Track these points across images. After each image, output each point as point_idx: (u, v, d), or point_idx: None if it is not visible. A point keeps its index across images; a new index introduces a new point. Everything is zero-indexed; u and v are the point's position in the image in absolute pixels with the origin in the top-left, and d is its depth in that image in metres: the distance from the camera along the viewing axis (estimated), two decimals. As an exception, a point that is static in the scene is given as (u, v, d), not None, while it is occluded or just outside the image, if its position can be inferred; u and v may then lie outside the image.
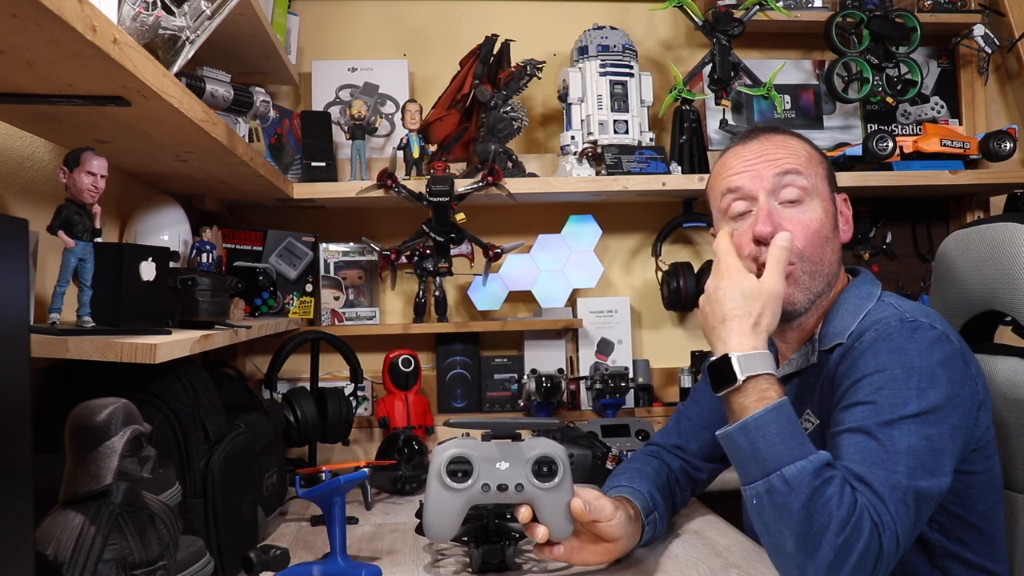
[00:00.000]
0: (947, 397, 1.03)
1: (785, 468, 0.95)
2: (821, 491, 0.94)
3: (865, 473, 0.99)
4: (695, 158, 2.16)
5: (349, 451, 2.12)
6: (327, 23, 2.29)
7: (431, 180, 1.96)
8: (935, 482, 1.00)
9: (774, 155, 1.19)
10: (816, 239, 1.16)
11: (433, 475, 1.10)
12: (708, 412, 1.41)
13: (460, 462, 1.09)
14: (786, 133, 1.24)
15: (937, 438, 1.01)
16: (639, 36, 2.33)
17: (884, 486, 0.97)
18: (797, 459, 0.96)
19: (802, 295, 1.17)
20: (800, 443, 0.98)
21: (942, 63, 2.42)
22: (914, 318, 1.09)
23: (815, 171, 1.20)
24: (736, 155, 1.23)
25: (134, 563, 0.91)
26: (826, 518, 0.93)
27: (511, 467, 1.09)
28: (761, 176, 1.18)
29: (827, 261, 1.18)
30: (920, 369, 1.04)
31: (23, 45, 0.84)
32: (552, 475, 1.09)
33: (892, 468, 0.98)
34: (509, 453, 1.10)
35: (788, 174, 1.17)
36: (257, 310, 1.95)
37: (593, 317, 2.28)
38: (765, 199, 1.17)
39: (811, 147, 1.23)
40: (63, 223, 1.01)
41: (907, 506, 0.97)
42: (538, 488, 1.09)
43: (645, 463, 1.39)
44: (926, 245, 2.37)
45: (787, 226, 1.15)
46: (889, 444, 1.00)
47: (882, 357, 1.06)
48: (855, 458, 1.01)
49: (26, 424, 0.78)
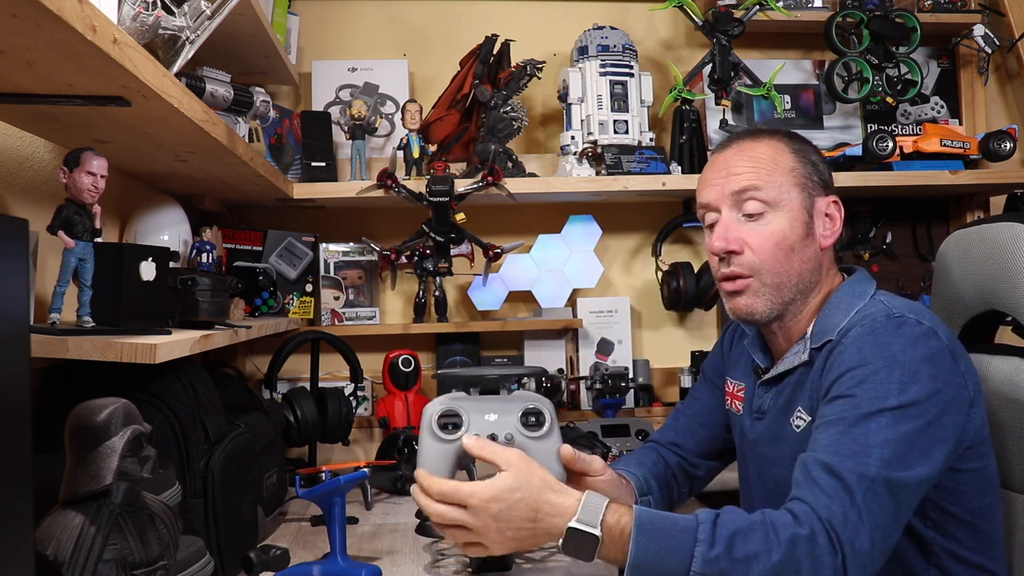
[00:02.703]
0: (930, 392, 1.03)
1: (692, 565, 0.93)
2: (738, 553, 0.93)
3: (834, 463, 0.99)
4: (695, 158, 2.16)
5: (349, 451, 2.12)
6: (327, 23, 2.29)
7: (431, 180, 1.96)
8: (910, 473, 1.00)
9: (736, 169, 1.20)
10: (778, 251, 1.17)
11: (425, 428, 1.12)
12: (706, 410, 1.42)
13: (450, 415, 1.12)
14: (764, 138, 1.23)
15: (915, 432, 1.01)
16: (639, 36, 2.33)
17: (852, 474, 0.97)
18: (691, 548, 0.93)
19: (762, 305, 1.19)
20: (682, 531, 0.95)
21: (942, 63, 2.41)
22: (900, 313, 1.09)
23: (781, 181, 1.19)
24: (710, 166, 1.26)
25: (134, 563, 0.91)
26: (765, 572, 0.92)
27: (500, 418, 1.13)
28: (724, 191, 1.21)
29: (794, 271, 1.18)
30: (903, 364, 1.04)
31: (23, 45, 0.84)
32: (540, 425, 1.12)
33: (863, 459, 0.99)
34: (497, 405, 1.14)
35: (746, 191, 1.19)
36: (257, 310, 1.95)
37: (593, 317, 2.28)
38: (727, 213, 1.20)
39: (789, 151, 1.21)
40: (63, 223, 1.01)
41: (876, 493, 0.97)
42: (527, 438, 1.12)
43: (643, 454, 1.40)
44: (926, 245, 2.37)
45: (745, 239, 1.18)
46: (863, 436, 1.00)
47: (866, 351, 1.07)
48: (827, 449, 1.01)
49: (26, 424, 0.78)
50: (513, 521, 1.00)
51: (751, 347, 1.30)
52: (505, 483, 1.00)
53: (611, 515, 0.98)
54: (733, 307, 1.22)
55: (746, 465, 1.31)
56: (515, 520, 1.00)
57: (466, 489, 1.01)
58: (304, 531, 1.52)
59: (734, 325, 1.42)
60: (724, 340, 1.43)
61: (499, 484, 1.00)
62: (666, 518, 0.98)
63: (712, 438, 1.40)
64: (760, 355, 1.28)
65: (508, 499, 0.99)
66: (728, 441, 1.38)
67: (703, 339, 2.35)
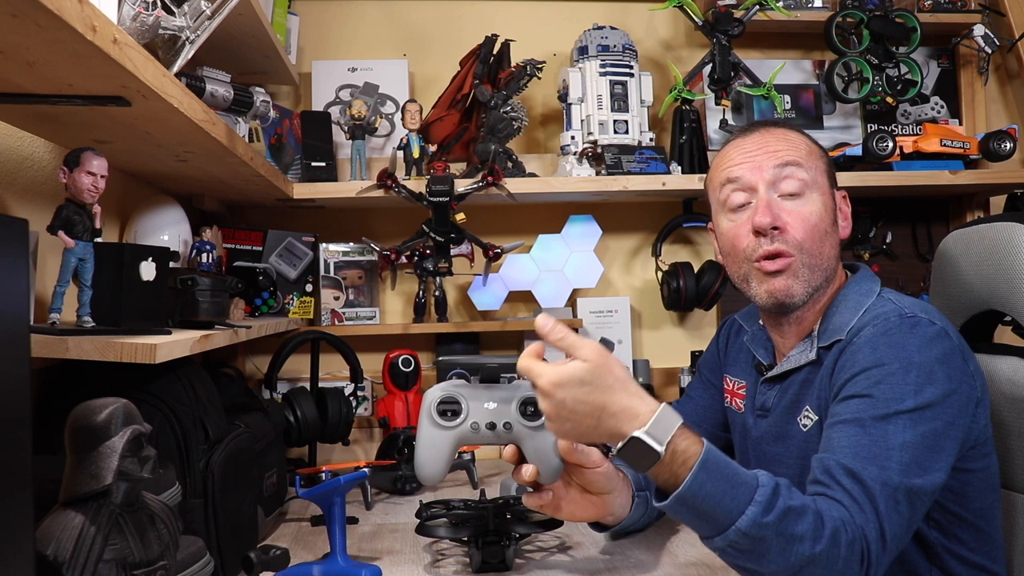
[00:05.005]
0: (944, 393, 1.03)
1: (739, 521, 0.91)
2: (787, 529, 0.92)
3: (857, 468, 0.98)
4: (695, 158, 2.16)
5: (349, 451, 2.12)
6: (327, 23, 2.29)
7: (431, 180, 1.96)
8: (928, 479, 1.00)
9: (775, 147, 1.19)
10: (816, 232, 1.16)
11: (424, 415, 1.12)
12: (701, 409, 1.41)
13: (449, 402, 1.12)
14: (787, 127, 1.24)
15: (932, 434, 1.01)
16: (639, 36, 2.33)
17: (875, 482, 0.97)
18: (745, 506, 0.92)
19: (800, 287, 1.16)
20: (742, 485, 0.93)
21: (942, 63, 2.42)
22: (913, 314, 1.09)
23: (815, 165, 1.19)
24: (736, 146, 1.23)
25: (134, 563, 0.91)
26: (803, 558, 0.92)
27: (499, 407, 1.12)
28: (761, 167, 1.18)
29: (826, 255, 1.17)
30: (919, 364, 1.04)
31: (23, 45, 0.84)
32: (538, 415, 1.10)
33: (884, 464, 0.98)
34: (497, 393, 1.13)
35: (788, 166, 1.17)
36: (257, 310, 1.95)
37: (593, 317, 2.28)
38: (765, 190, 1.17)
39: (811, 142, 1.23)
40: (63, 223, 1.01)
41: (897, 503, 0.97)
42: (525, 427, 1.11)
43: None
44: (926, 245, 2.37)
45: (786, 218, 1.15)
46: (882, 439, 1.00)
47: (880, 352, 1.06)
48: (847, 452, 1.00)
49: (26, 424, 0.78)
50: (577, 411, 0.96)
51: (752, 343, 1.30)
52: (575, 372, 0.95)
53: (681, 439, 0.94)
54: (771, 288, 1.17)
55: (748, 463, 1.30)
56: (579, 412, 0.96)
57: (537, 368, 0.98)
58: (304, 531, 1.52)
59: (730, 321, 1.41)
60: (720, 337, 1.42)
61: (568, 371, 0.95)
62: (731, 465, 0.95)
63: (708, 436, 1.39)
64: (763, 352, 1.28)
65: (575, 391, 0.95)
66: (725, 440, 1.38)
67: (703, 339, 2.35)
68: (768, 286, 1.17)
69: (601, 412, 0.96)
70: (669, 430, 0.94)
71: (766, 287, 1.17)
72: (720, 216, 1.24)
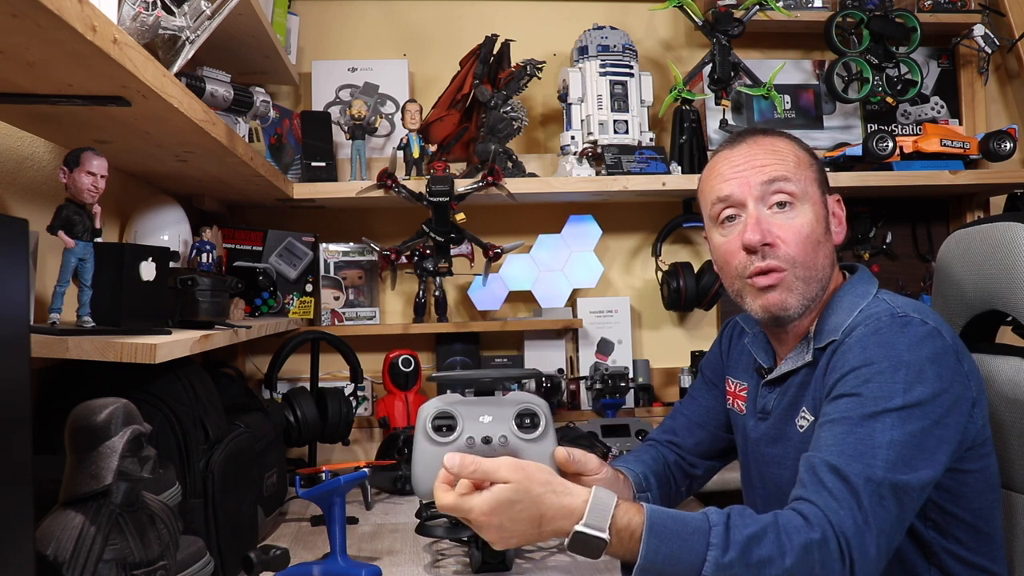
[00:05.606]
0: (934, 393, 1.03)
1: (703, 569, 0.92)
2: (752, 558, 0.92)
3: (841, 465, 0.98)
4: (695, 158, 2.16)
5: (349, 451, 2.12)
6: (327, 23, 2.29)
7: (431, 180, 1.96)
8: (916, 476, 0.99)
9: (762, 161, 1.18)
10: (808, 244, 1.16)
11: (419, 431, 1.12)
12: (703, 410, 1.41)
13: (444, 417, 1.12)
14: (775, 135, 1.23)
15: (920, 432, 1.01)
16: (639, 36, 2.33)
17: (859, 478, 0.97)
18: (704, 553, 0.92)
19: (795, 300, 1.16)
20: (693, 533, 0.94)
21: (942, 63, 2.42)
22: (905, 313, 1.09)
23: (804, 175, 1.19)
24: (725, 160, 1.22)
25: (134, 563, 0.91)
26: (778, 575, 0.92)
27: (494, 420, 1.12)
28: (749, 183, 1.17)
29: (820, 265, 1.17)
30: (908, 363, 1.03)
31: (23, 45, 0.84)
32: (535, 427, 1.11)
33: (869, 461, 0.98)
34: (492, 407, 1.13)
35: (776, 181, 1.16)
36: (257, 310, 1.95)
37: (593, 317, 2.28)
38: (754, 206, 1.17)
39: (801, 149, 1.22)
40: (63, 223, 1.01)
41: (882, 497, 0.97)
42: (521, 439, 1.11)
43: (642, 452, 1.39)
44: (926, 245, 2.37)
45: (777, 232, 1.15)
46: (869, 437, 0.99)
47: (870, 351, 1.06)
48: (833, 450, 1.00)
49: (26, 424, 0.78)
50: (517, 528, 0.98)
51: (752, 346, 1.30)
52: (502, 496, 0.97)
53: (621, 516, 0.95)
54: (766, 303, 1.17)
55: (748, 465, 1.30)
56: (519, 528, 0.98)
57: (465, 505, 0.99)
58: (304, 531, 1.52)
59: (732, 323, 1.41)
60: (722, 339, 1.42)
61: (495, 497, 0.96)
62: (677, 519, 0.96)
63: (711, 438, 1.39)
64: (763, 355, 1.28)
65: (508, 512, 0.97)
66: (728, 441, 1.38)
67: (703, 339, 2.35)
68: (762, 301, 1.17)
69: (540, 520, 0.97)
70: (606, 514, 0.95)
71: (760, 302, 1.18)
72: (712, 230, 1.24)
